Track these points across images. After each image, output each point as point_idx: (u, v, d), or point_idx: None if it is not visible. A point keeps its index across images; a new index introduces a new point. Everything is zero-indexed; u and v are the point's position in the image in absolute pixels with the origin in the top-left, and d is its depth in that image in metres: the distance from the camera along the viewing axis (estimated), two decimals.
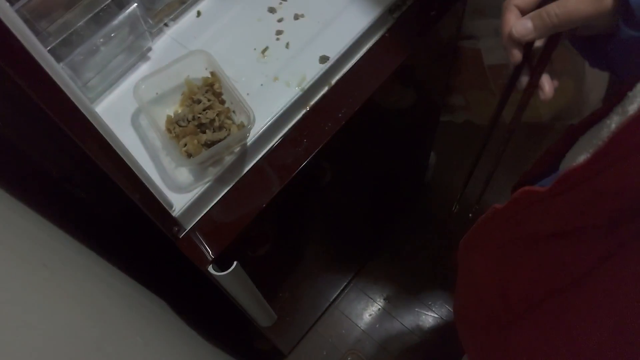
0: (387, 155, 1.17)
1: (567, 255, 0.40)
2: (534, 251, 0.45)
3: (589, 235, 0.38)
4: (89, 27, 0.68)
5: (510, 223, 0.48)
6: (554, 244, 0.41)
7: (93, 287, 0.58)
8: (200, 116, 0.63)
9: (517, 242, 0.47)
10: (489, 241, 0.54)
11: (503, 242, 0.50)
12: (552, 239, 0.41)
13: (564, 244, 0.41)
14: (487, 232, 0.53)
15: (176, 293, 0.90)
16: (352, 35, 0.74)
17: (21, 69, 0.39)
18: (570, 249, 0.40)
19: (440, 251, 1.59)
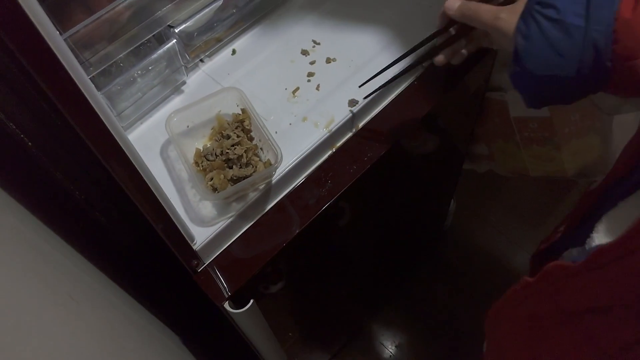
0: (408, 200, 1.16)
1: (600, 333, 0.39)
2: (565, 326, 0.43)
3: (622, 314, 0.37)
4: (128, 60, 0.71)
5: (540, 297, 0.47)
6: (586, 320, 0.40)
7: (113, 319, 0.57)
8: (229, 151, 0.64)
9: (548, 316, 0.46)
10: (518, 314, 0.52)
11: (533, 316, 0.49)
12: (584, 315, 0.40)
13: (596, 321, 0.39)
14: (516, 304, 0.52)
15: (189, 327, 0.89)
16: (382, 81, 0.75)
17: (64, 95, 0.40)
18: (603, 327, 0.38)
19: (456, 302, 1.55)
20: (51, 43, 0.36)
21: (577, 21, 0.45)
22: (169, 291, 0.89)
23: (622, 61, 0.45)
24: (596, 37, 0.44)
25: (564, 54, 0.46)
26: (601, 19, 0.44)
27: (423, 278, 1.60)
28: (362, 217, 0.96)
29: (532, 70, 0.48)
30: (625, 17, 0.44)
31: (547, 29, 0.46)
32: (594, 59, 0.46)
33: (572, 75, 0.47)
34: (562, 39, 0.46)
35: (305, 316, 1.11)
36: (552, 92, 0.50)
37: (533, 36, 0.47)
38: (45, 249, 0.49)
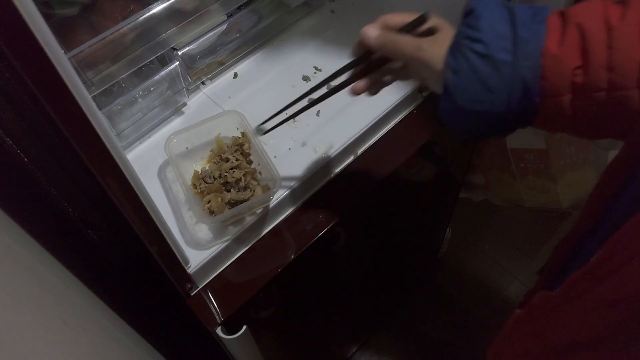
0: (404, 226, 1.16)
1: None
2: None
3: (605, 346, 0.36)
4: (130, 80, 0.71)
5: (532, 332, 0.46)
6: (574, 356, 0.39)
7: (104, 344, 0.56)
8: (227, 175, 0.64)
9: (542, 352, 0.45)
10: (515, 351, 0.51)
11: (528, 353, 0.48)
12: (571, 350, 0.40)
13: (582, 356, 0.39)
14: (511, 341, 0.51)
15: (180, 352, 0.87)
16: (382, 109, 0.75)
17: (65, 113, 0.40)
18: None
19: (449, 330, 1.54)
20: (55, 61, 0.36)
21: (506, 57, 0.44)
22: (160, 314, 0.87)
23: (550, 97, 0.45)
24: (524, 73, 0.44)
25: (493, 90, 0.45)
26: (528, 55, 0.44)
27: (417, 305, 1.58)
28: (357, 242, 0.96)
29: (463, 105, 0.47)
30: (553, 53, 0.43)
31: (476, 64, 0.45)
32: (523, 95, 0.45)
33: (501, 111, 0.46)
34: (491, 74, 0.45)
35: (296, 342, 1.09)
36: (483, 127, 0.49)
37: (462, 71, 0.46)
38: (39, 270, 0.48)
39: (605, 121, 0.45)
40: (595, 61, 0.42)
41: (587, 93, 0.43)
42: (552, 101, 0.45)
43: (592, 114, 0.44)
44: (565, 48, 0.43)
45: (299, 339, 1.10)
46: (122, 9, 0.65)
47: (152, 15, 0.64)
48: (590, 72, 0.42)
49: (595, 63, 0.42)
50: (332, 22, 0.88)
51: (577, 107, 0.44)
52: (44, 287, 0.46)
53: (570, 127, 0.47)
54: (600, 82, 0.42)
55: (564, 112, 0.45)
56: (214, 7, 0.71)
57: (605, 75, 0.42)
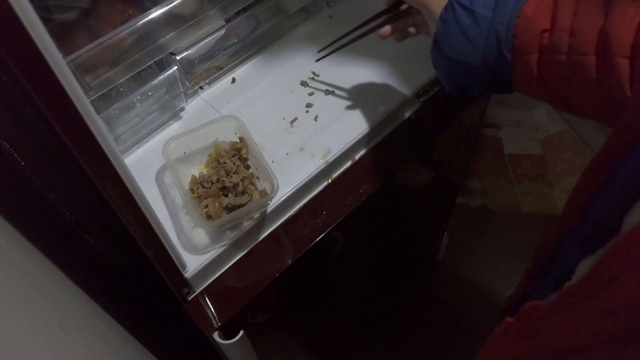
0: (401, 231, 1.16)
1: None
2: None
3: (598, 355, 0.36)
4: (128, 85, 0.71)
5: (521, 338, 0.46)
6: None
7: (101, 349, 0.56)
8: (225, 180, 0.64)
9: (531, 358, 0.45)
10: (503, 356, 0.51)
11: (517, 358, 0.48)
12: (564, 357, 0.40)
13: None
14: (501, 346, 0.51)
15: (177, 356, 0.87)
16: (380, 114, 0.76)
17: (63, 118, 0.40)
18: None
19: (447, 335, 1.53)
20: (54, 66, 0.36)
21: (486, 12, 0.50)
22: (157, 319, 0.87)
23: (519, 55, 0.49)
24: (498, 29, 0.49)
25: (472, 41, 0.51)
26: (505, 12, 0.49)
27: (414, 310, 1.58)
28: (354, 247, 0.96)
29: (446, 52, 0.54)
30: (527, 14, 0.48)
31: (460, 16, 0.51)
32: (497, 49, 0.50)
33: (478, 63, 0.52)
34: (471, 26, 0.51)
35: (293, 346, 1.09)
36: (464, 78, 0.55)
37: (449, 21, 0.52)
38: (36, 274, 0.48)
39: (568, 87, 0.49)
40: (560, 25, 0.47)
41: (551, 55, 0.48)
42: (521, 59, 0.50)
43: (555, 76, 0.49)
44: (539, 12, 0.48)
45: (297, 344, 1.10)
46: (120, 14, 0.65)
47: (150, 20, 0.64)
48: (555, 35, 0.47)
49: (559, 27, 0.47)
50: (330, 28, 0.89)
51: (542, 67, 0.49)
52: (41, 292, 0.46)
53: (540, 91, 0.52)
54: (562, 45, 0.47)
55: (532, 72, 0.50)
56: (212, 12, 0.72)
57: (567, 39, 0.46)
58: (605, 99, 0.46)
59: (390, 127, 0.79)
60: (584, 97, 0.48)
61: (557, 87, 0.50)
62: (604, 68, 0.45)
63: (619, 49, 0.43)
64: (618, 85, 0.44)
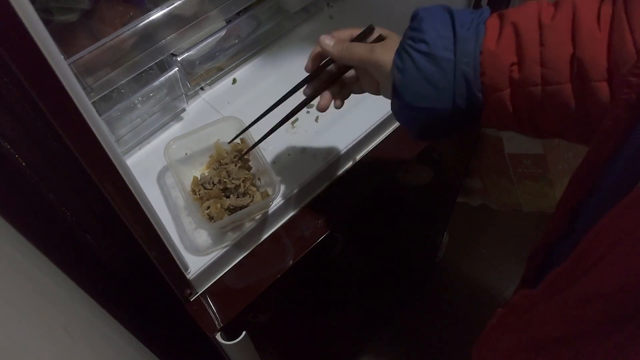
0: (402, 231, 1.16)
1: None
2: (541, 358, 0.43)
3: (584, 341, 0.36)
4: (129, 86, 0.71)
5: (512, 329, 0.46)
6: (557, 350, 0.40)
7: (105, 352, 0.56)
8: (226, 181, 0.64)
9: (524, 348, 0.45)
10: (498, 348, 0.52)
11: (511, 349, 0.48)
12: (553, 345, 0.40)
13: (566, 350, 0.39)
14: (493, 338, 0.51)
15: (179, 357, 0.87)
16: (380, 115, 0.76)
17: (65, 119, 0.40)
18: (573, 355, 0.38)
19: (447, 335, 1.53)
20: (55, 67, 0.36)
21: (447, 54, 0.47)
22: (160, 320, 0.87)
23: (491, 92, 0.47)
24: (465, 70, 0.47)
25: (438, 86, 0.48)
26: (468, 51, 0.47)
27: (414, 310, 1.58)
28: (355, 247, 0.96)
29: (411, 102, 0.50)
30: (491, 49, 0.46)
31: (420, 62, 0.48)
32: (467, 90, 0.48)
33: (448, 108, 0.49)
34: (435, 72, 0.48)
35: (294, 346, 1.09)
36: (432, 124, 0.52)
37: (408, 70, 0.49)
38: (40, 278, 0.47)
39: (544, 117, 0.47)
40: (528, 57, 0.45)
41: (524, 87, 0.46)
42: (493, 96, 0.48)
43: (530, 108, 0.47)
44: (502, 45, 0.46)
45: (298, 343, 1.10)
46: (121, 15, 0.65)
47: (151, 21, 0.64)
48: (525, 68, 0.45)
49: (528, 59, 0.45)
50: (331, 28, 0.88)
51: (515, 101, 0.47)
52: (46, 296, 0.46)
53: (514, 123, 0.50)
54: (534, 76, 0.45)
55: (506, 107, 0.48)
56: (213, 13, 0.72)
57: (538, 70, 0.45)
58: (585, 121, 0.45)
59: (391, 127, 0.79)
60: (563, 124, 0.47)
61: (532, 118, 0.48)
62: (581, 94, 0.44)
63: (596, 73, 0.42)
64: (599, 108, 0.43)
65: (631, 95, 0.34)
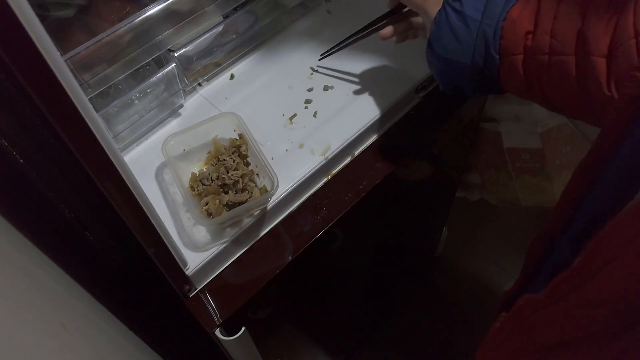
0: (401, 226, 1.16)
1: None
2: None
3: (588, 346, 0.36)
4: (127, 82, 0.71)
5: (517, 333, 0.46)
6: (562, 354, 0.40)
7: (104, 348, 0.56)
8: (225, 177, 0.64)
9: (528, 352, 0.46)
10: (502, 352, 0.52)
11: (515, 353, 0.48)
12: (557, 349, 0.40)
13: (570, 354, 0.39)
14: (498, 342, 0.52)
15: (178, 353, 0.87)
16: (379, 109, 0.75)
17: (62, 116, 0.40)
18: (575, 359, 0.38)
19: (447, 329, 1.54)
20: (51, 63, 0.36)
21: (475, 14, 0.53)
22: (159, 316, 0.87)
23: (506, 55, 0.52)
24: (486, 30, 0.52)
25: (462, 42, 0.54)
26: (493, 15, 0.52)
27: (414, 305, 1.59)
28: (354, 242, 0.96)
29: (438, 52, 0.56)
30: (513, 17, 0.51)
31: (451, 18, 0.54)
32: (485, 49, 0.53)
33: (468, 63, 0.55)
34: (461, 28, 0.53)
35: (293, 343, 1.09)
36: (456, 77, 0.58)
37: (441, 23, 0.55)
38: (38, 274, 0.47)
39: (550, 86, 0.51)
40: (541, 27, 0.49)
41: (534, 55, 0.51)
42: (508, 59, 0.53)
43: (538, 76, 0.51)
44: (523, 15, 0.51)
45: (297, 340, 1.10)
46: (118, 11, 0.65)
47: (148, 16, 0.64)
48: (537, 37, 0.50)
49: (541, 29, 0.49)
50: (329, 23, 0.89)
51: (526, 67, 0.52)
52: (43, 292, 0.45)
53: (526, 90, 0.54)
54: (544, 45, 0.49)
55: (518, 71, 0.52)
56: (210, 9, 0.71)
57: (547, 40, 0.49)
58: (586, 97, 0.48)
59: (389, 122, 0.78)
60: (566, 96, 0.51)
61: (541, 86, 0.52)
62: (582, 67, 0.47)
63: (597, 48, 0.45)
64: (596, 83, 0.46)
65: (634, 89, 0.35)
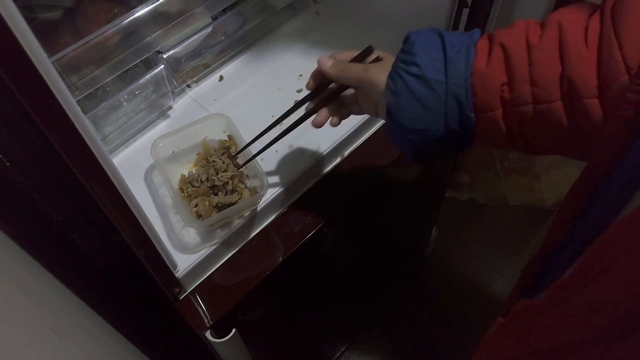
0: (391, 226, 1.16)
1: None
2: None
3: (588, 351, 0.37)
4: (115, 84, 0.70)
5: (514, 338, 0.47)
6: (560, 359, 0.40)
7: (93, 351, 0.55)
8: (214, 178, 0.64)
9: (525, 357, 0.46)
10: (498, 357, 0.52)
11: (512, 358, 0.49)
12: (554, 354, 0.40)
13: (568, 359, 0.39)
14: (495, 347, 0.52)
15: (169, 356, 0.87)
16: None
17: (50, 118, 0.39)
18: None
19: (437, 328, 1.55)
20: (39, 66, 0.36)
21: (438, 76, 0.48)
22: (149, 319, 0.87)
23: (483, 112, 0.48)
24: (456, 91, 0.47)
25: (430, 108, 0.49)
26: (458, 73, 0.47)
27: (404, 304, 1.59)
28: (344, 243, 0.96)
29: (404, 124, 0.50)
30: (481, 70, 0.47)
31: (412, 84, 0.48)
32: (458, 111, 0.48)
33: (441, 129, 0.49)
34: (427, 93, 0.48)
35: (284, 343, 1.09)
36: (427, 146, 0.52)
37: (401, 92, 0.49)
38: (26, 278, 0.47)
39: (538, 135, 0.48)
40: (518, 77, 0.45)
41: (515, 107, 0.46)
42: (485, 116, 0.48)
43: (522, 127, 0.47)
44: (492, 66, 0.46)
45: (288, 340, 1.10)
46: (105, 12, 0.64)
47: (136, 18, 0.64)
48: (515, 88, 0.46)
49: (518, 79, 0.45)
50: (317, 24, 0.89)
51: (508, 120, 0.47)
52: (32, 296, 0.45)
53: (507, 142, 0.50)
54: (525, 96, 0.45)
55: (499, 126, 0.48)
56: (198, 10, 0.71)
57: (528, 89, 0.45)
58: (579, 140, 0.46)
59: (378, 122, 0.79)
60: (557, 141, 0.48)
61: (524, 135, 0.49)
62: (573, 112, 0.44)
63: (586, 91, 0.43)
64: (592, 124, 0.44)
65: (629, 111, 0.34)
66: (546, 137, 0.48)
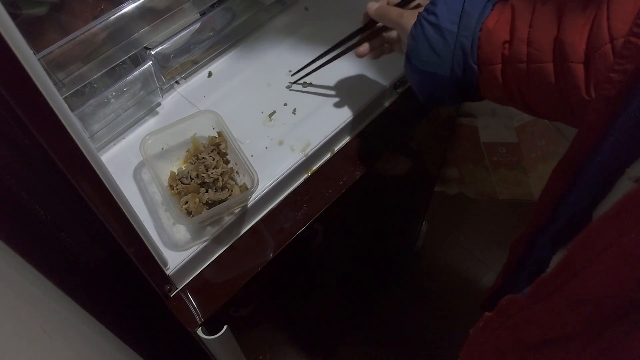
0: (381, 221, 1.17)
1: None
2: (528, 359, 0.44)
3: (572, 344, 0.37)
4: (102, 81, 0.70)
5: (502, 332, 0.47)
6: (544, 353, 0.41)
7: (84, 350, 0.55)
8: (204, 175, 0.63)
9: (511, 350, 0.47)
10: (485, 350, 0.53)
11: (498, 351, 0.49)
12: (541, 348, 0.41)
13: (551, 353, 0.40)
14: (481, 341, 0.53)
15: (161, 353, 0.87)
16: (357, 106, 0.76)
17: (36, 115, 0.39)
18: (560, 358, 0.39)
19: (427, 322, 1.56)
20: (24, 62, 0.35)
21: (451, 27, 0.54)
22: (140, 316, 0.86)
23: (484, 65, 0.53)
24: (464, 42, 0.53)
25: (440, 54, 0.55)
26: (469, 26, 0.53)
27: (394, 299, 1.60)
28: (334, 238, 0.96)
29: (417, 65, 0.57)
30: (489, 27, 0.52)
31: (428, 31, 0.55)
32: (463, 61, 0.54)
33: (447, 74, 0.56)
34: (439, 41, 0.54)
35: (275, 339, 1.09)
36: (435, 88, 0.59)
37: (418, 37, 0.56)
38: (14, 278, 0.46)
39: (530, 93, 0.52)
40: (518, 36, 0.50)
41: (512, 64, 0.51)
42: (487, 69, 0.53)
43: (518, 84, 0.52)
44: (499, 25, 0.51)
45: (279, 336, 1.10)
46: (92, 8, 0.64)
47: (123, 14, 0.63)
48: (514, 46, 0.50)
49: (518, 38, 0.50)
50: (306, 20, 0.89)
51: (505, 76, 0.52)
52: (21, 296, 0.45)
53: (505, 97, 0.55)
54: (521, 54, 0.50)
55: (497, 80, 0.53)
56: (186, 6, 0.71)
57: (525, 48, 0.50)
58: (565, 102, 0.49)
59: (368, 118, 0.79)
60: (546, 101, 0.51)
61: (520, 93, 0.53)
62: (561, 74, 0.48)
63: (574, 55, 0.46)
64: (575, 88, 0.47)
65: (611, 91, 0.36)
66: (537, 97, 0.52)
